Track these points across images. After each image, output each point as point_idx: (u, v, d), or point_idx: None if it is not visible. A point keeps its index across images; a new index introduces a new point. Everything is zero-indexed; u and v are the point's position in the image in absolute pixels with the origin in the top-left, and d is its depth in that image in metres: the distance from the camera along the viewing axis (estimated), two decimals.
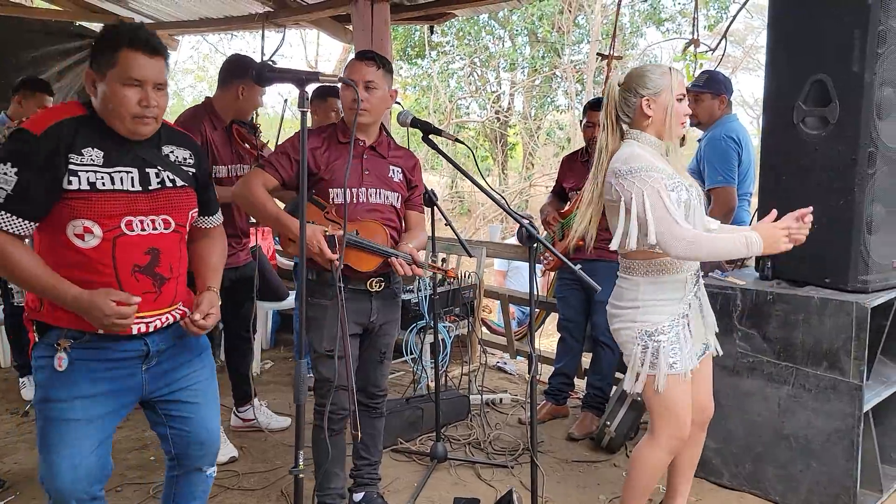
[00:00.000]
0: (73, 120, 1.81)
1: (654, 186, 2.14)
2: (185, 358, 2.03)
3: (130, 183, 1.84)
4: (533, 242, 2.30)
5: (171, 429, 2.05)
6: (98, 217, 1.79)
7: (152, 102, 1.81)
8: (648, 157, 2.23)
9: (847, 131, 2.66)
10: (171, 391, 2.01)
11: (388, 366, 2.74)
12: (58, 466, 1.81)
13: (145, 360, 1.93)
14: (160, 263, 1.89)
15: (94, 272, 1.80)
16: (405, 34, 13.66)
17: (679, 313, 2.28)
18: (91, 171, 1.79)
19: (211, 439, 2.10)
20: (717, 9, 12.61)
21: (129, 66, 1.77)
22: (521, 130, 14.82)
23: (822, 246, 2.76)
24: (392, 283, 2.62)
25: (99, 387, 1.86)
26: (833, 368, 2.68)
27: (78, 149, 1.78)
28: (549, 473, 3.19)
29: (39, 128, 1.76)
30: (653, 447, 2.37)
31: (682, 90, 2.26)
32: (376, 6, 4.55)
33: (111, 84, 1.78)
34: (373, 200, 2.53)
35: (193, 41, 14.03)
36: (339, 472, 2.65)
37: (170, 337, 1.98)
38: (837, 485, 2.69)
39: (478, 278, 4.33)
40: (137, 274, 1.85)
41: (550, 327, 5.13)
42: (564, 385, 3.86)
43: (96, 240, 1.79)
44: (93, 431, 1.85)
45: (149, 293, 1.87)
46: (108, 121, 1.83)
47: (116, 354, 1.88)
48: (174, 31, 6.64)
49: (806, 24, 2.77)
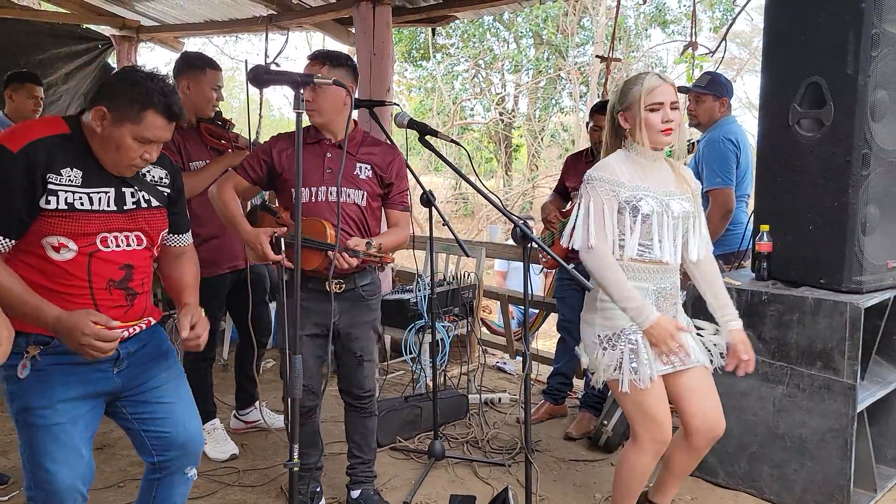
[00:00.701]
0: (52, 138, 1.81)
1: (601, 197, 2.25)
2: (152, 358, 2.05)
3: (107, 203, 1.86)
4: (527, 242, 2.33)
5: (148, 433, 2.04)
6: (74, 235, 1.81)
7: (153, 158, 1.87)
8: (616, 169, 2.28)
9: (841, 133, 2.68)
10: (142, 391, 2.01)
11: (370, 367, 2.73)
12: (54, 472, 1.82)
13: (116, 363, 1.94)
14: (133, 279, 1.93)
15: (67, 284, 1.82)
16: (410, 37, 13.71)
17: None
18: (70, 192, 1.80)
19: (192, 440, 2.09)
20: (723, 10, 12.63)
21: (150, 127, 1.81)
22: (526, 132, 14.85)
23: (816, 247, 2.79)
24: (358, 286, 2.60)
25: (74, 390, 1.87)
26: (827, 368, 2.70)
27: (56, 168, 1.78)
28: (546, 472, 3.21)
29: (17, 144, 1.75)
30: (636, 452, 2.37)
31: (655, 98, 2.22)
32: (378, 9, 4.59)
33: (124, 135, 1.80)
34: (333, 199, 2.51)
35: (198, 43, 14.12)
36: (310, 451, 2.64)
37: (137, 340, 2.00)
38: (832, 484, 2.71)
39: (477, 279, 4.36)
40: (112, 288, 1.88)
41: (551, 328, 5.15)
42: (563, 385, 3.89)
43: (71, 253, 1.82)
44: (79, 431, 1.87)
45: (121, 307, 1.91)
46: (97, 154, 1.84)
47: (85, 359, 1.86)
48: (179, 33, 6.70)
49: (801, 26, 2.79)
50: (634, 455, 2.38)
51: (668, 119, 2.23)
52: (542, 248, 2.34)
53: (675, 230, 2.29)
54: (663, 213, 2.25)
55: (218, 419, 3.48)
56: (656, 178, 2.32)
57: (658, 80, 2.26)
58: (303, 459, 1.96)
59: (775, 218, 2.93)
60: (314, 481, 2.79)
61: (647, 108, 2.24)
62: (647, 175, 2.31)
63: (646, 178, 2.30)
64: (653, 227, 2.25)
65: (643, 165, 2.31)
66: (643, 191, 2.26)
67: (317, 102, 2.48)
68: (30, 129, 1.83)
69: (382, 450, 3.37)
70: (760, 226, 2.96)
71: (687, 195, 2.34)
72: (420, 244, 4.74)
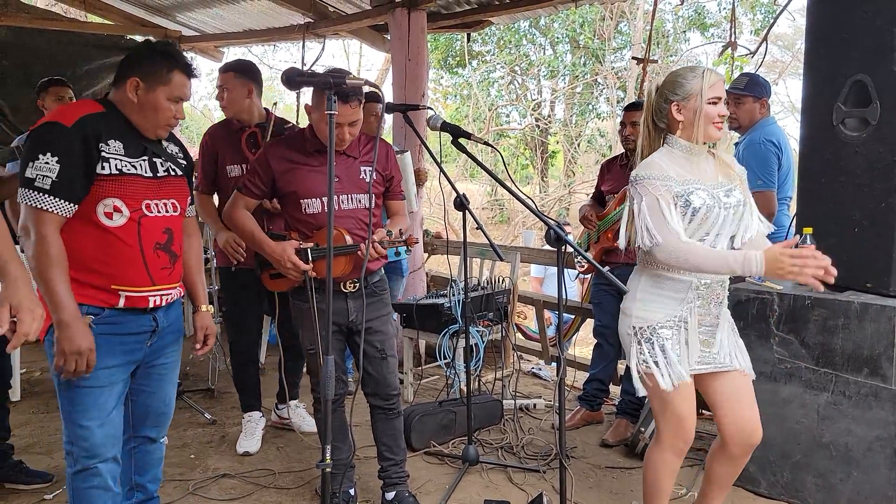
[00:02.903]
0: (94, 115, 2.03)
1: (654, 195, 2.19)
2: (173, 339, 2.27)
3: (145, 170, 2.09)
4: (561, 244, 2.30)
5: (133, 402, 2.23)
6: (125, 197, 2.02)
7: (183, 116, 2.13)
8: (663, 165, 2.24)
9: (888, 132, 2.60)
10: (152, 364, 2.22)
11: (394, 363, 2.75)
12: (89, 428, 2.02)
13: (152, 335, 2.15)
14: (174, 242, 2.16)
15: (122, 248, 2.03)
16: (446, 44, 13.76)
17: (676, 315, 2.24)
18: (118, 159, 2.02)
19: (166, 413, 2.32)
20: (764, 13, 12.40)
21: (179, 86, 2.06)
22: (562, 138, 14.76)
23: (862, 249, 2.71)
24: (371, 284, 2.66)
25: (115, 359, 2.06)
26: (874, 375, 2.61)
27: (105, 139, 2.01)
28: (582, 479, 3.17)
29: (69, 120, 1.97)
30: (658, 449, 2.35)
31: (716, 93, 2.22)
32: (413, 15, 4.61)
33: (159, 97, 2.05)
34: (345, 207, 2.56)
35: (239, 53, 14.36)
36: (340, 445, 2.70)
37: (169, 317, 2.22)
38: (879, 494, 2.61)
39: (511, 283, 4.33)
40: (158, 251, 2.10)
41: (587, 334, 5.10)
42: (599, 391, 3.83)
43: (123, 219, 2.02)
44: (114, 396, 2.07)
45: (165, 269, 2.13)
46: (136, 121, 2.08)
47: (131, 329, 2.09)
48: (219, 42, 6.83)
49: (844, 24, 2.72)
50: (656, 453, 2.36)
51: (722, 114, 2.23)
52: (577, 250, 2.32)
53: (724, 223, 2.24)
54: (715, 205, 2.21)
55: (259, 413, 3.54)
56: (703, 171, 2.27)
57: (716, 76, 2.25)
58: (333, 455, 1.97)
59: (819, 220, 2.84)
60: (347, 481, 2.80)
61: (709, 101, 2.22)
62: (694, 169, 2.27)
63: (693, 171, 2.26)
64: (707, 221, 2.21)
65: (688, 160, 2.27)
66: (694, 184, 2.22)
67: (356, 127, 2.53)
68: (76, 107, 2.08)
69: (416, 454, 3.36)
70: (803, 228, 2.84)
71: (735, 184, 2.29)
72: (454, 249, 4.74)
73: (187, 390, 4.24)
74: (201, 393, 4.28)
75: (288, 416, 3.69)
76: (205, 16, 6.22)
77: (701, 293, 2.25)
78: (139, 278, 2.06)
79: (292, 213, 2.62)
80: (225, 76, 3.30)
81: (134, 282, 2.05)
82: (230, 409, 4.01)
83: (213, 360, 4.39)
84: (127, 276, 2.04)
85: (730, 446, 2.32)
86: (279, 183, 2.58)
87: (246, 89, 3.28)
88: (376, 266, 2.69)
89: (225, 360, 4.35)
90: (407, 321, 4.06)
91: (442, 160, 2.77)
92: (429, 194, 10.10)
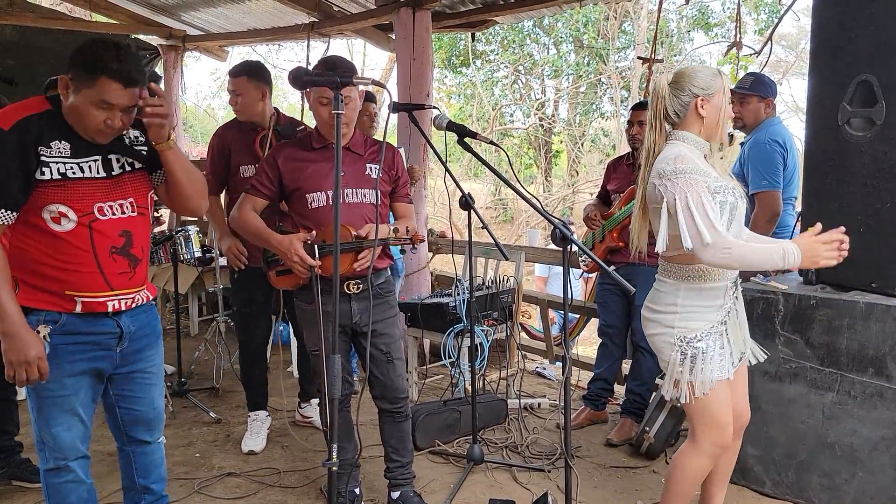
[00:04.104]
0: (38, 115, 1.92)
1: (698, 190, 2.08)
2: (148, 342, 2.21)
3: (97, 170, 1.99)
4: (566, 244, 2.30)
5: (121, 408, 2.22)
6: (71, 202, 1.93)
7: (117, 124, 1.93)
8: (694, 158, 2.19)
9: (893, 132, 2.60)
10: (131, 371, 2.18)
11: (400, 366, 2.74)
12: (57, 435, 2.04)
13: (119, 341, 2.10)
14: (133, 245, 2.07)
15: (73, 255, 1.96)
16: (450, 44, 13.76)
17: (717, 320, 2.23)
18: (61, 162, 1.92)
19: (157, 417, 2.30)
20: (768, 13, 12.38)
21: (104, 92, 1.87)
22: (566, 138, 14.76)
23: (867, 249, 2.70)
24: (375, 285, 2.63)
25: (80, 366, 2.04)
26: (879, 375, 2.61)
27: (46, 142, 1.90)
28: (587, 478, 3.17)
29: (7, 123, 1.87)
30: (695, 454, 2.31)
31: (729, 93, 2.26)
32: (418, 14, 4.62)
33: (83, 101, 1.88)
34: (350, 201, 2.57)
35: (244, 52, 14.39)
36: (346, 444, 2.74)
37: (137, 321, 2.15)
38: (885, 495, 2.61)
39: (516, 283, 4.33)
40: (115, 255, 2.02)
41: (592, 333, 5.10)
42: (603, 390, 3.84)
43: (72, 224, 1.94)
44: (80, 401, 2.07)
45: (125, 273, 2.05)
46: (70, 123, 1.94)
47: (92, 337, 2.04)
48: (224, 42, 6.84)
49: (850, 24, 2.72)
50: (693, 457, 2.32)
51: (733, 114, 2.26)
52: (583, 249, 2.31)
53: (741, 220, 2.25)
54: (736, 202, 2.20)
55: (265, 412, 3.56)
56: (720, 170, 2.27)
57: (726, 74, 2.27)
58: (339, 455, 1.98)
59: (824, 220, 2.78)
60: (353, 480, 2.80)
61: (730, 101, 2.25)
62: (716, 167, 2.26)
63: (716, 169, 2.25)
64: (733, 219, 2.20)
65: (698, 157, 2.24)
66: (720, 182, 2.19)
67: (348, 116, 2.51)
68: (18, 108, 1.95)
69: (421, 453, 3.36)
70: (808, 228, 2.87)
71: (735, 184, 2.27)
72: (459, 248, 4.74)
73: (192, 389, 4.25)
74: (206, 392, 4.29)
75: (311, 415, 3.72)
76: (210, 15, 6.23)
77: (730, 294, 2.27)
78: (95, 284, 1.99)
79: (298, 210, 2.63)
80: (238, 80, 3.29)
81: (89, 288, 1.99)
82: (235, 407, 4.02)
83: (218, 359, 4.40)
84: (81, 283, 1.98)
85: None
86: (286, 181, 2.59)
87: (260, 92, 3.30)
88: (383, 265, 2.69)
89: (230, 359, 4.37)
90: (412, 320, 4.07)
91: (446, 159, 2.77)
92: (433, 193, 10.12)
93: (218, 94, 17.67)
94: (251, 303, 3.43)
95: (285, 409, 3.81)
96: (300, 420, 3.78)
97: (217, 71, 16.47)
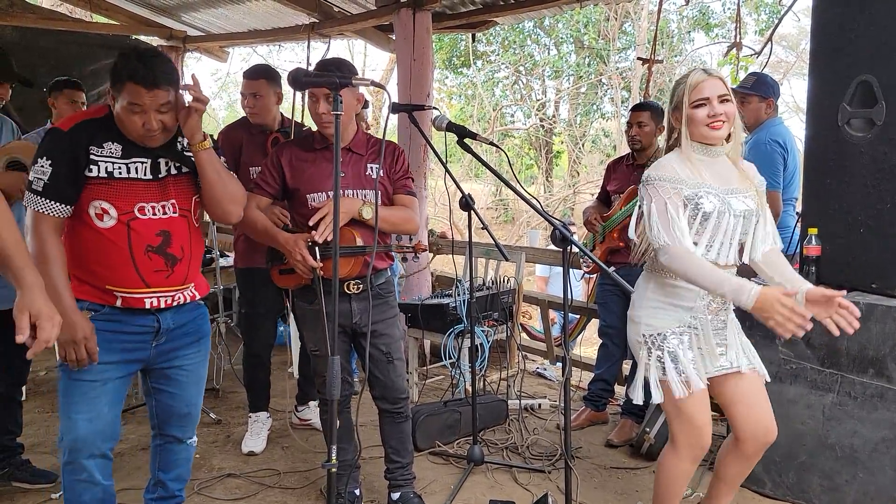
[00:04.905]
0: (96, 120, 2.09)
1: (664, 196, 2.18)
2: (189, 341, 2.26)
3: (143, 172, 2.10)
4: (566, 244, 2.30)
5: (157, 401, 2.29)
6: (114, 200, 2.04)
7: (154, 126, 2.02)
8: (675, 167, 2.22)
9: (893, 133, 2.60)
10: (167, 367, 2.23)
11: (401, 366, 2.74)
12: (76, 421, 2.05)
13: (156, 336, 2.16)
14: (172, 244, 2.12)
15: (112, 250, 2.05)
16: (451, 44, 13.76)
17: (686, 322, 2.23)
18: (109, 162, 2.05)
19: (192, 414, 2.34)
20: (769, 13, 12.38)
21: (130, 96, 1.99)
22: (566, 138, 14.76)
23: (867, 250, 2.70)
24: (375, 286, 2.63)
25: (113, 355, 2.09)
26: (880, 376, 2.61)
27: (99, 142, 2.05)
28: (587, 479, 3.17)
29: (67, 126, 2.06)
30: (674, 456, 2.33)
31: (700, 94, 2.18)
32: (418, 15, 4.62)
33: (120, 108, 2.02)
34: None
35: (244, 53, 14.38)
36: (346, 445, 2.75)
37: (180, 318, 2.20)
38: (885, 495, 2.61)
39: (516, 283, 4.33)
40: (150, 253, 2.08)
41: (593, 334, 5.09)
42: (604, 391, 3.83)
43: (112, 221, 2.04)
44: (107, 392, 2.10)
45: (161, 271, 2.11)
46: (122, 130, 2.07)
47: (130, 328, 2.11)
48: (224, 42, 6.84)
49: (850, 24, 2.72)
50: (672, 460, 2.35)
51: (714, 113, 2.17)
52: (582, 250, 2.31)
53: (734, 230, 2.21)
54: (725, 211, 2.19)
55: (265, 413, 3.56)
56: (717, 175, 2.24)
57: (702, 76, 2.21)
58: (339, 456, 1.98)
59: (824, 221, 2.84)
60: (353, 481, 2.80)
61: (692, 104, 2.20)
62: (706, 173, 2.24)
63: (705, 175, 2.23)
64: (717, 226, 2.19)
65: (702, 163, 2.24)
66: (704, 188, 2.20)
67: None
68: (80, 114, 2.18)
69: (421, 454, 3.36)
70: (809, 229, 2.87)
71: (750, 192, 2.26)
72: (460, 249, 4.74)
73: None
74: (206, 392, 4.25)
75: (309, 417, 3.72)
76: (210, 16, 6.23)
77: (711, 301, 2.24)
78: (130, 280, 2.07)
79: (300, 211, 2.62)
80: (257, 83, 3.30)
81: (125, 283, 2.07)
82: (235, 408, 4.03)
83: (219, 360, 4.40)
84: (117, 278, 2.06)
85: (744, 444, 2.31)
86: (288, 180, 2.60)
87: (276, 96, 3.34)
88: (383, 265, 2.69)
89: (230, 360, 4.37)
90: (412, 321, 4.07)
91: (447, 160, 2.77)
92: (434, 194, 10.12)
93: (219, 95, 17.68)
94: (258, 305, 3.44)
95: (286, 409, 3.81)
96: (298, 423, 3.77)
97: (218, 72, 16.45)
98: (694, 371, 2.21)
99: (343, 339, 2.67)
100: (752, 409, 2.29)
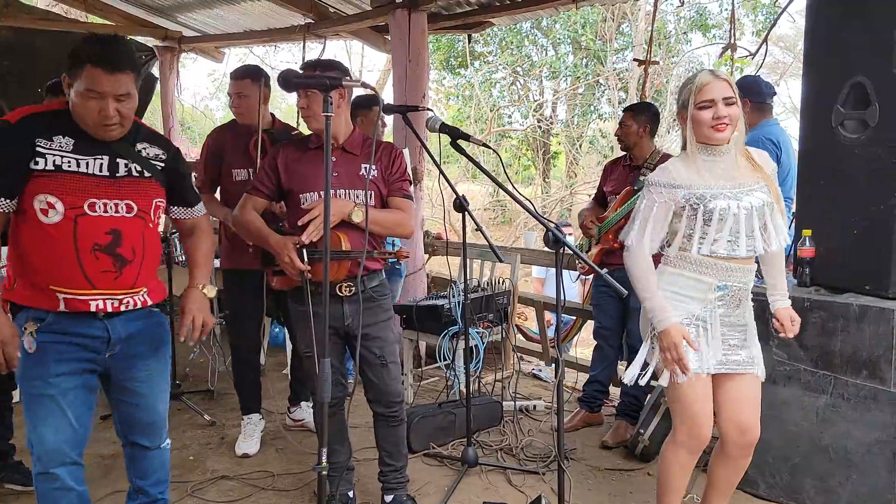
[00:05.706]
0: (49, 112, 2.03)
1: (650, 202, 2.27)
2: (145, 350, 2.19)
3: (98, 168, 2.02)
4: (559, 247, 2.30)
5: (119, 413, 2.24)
6: (61, 194, 1.96)
7: (111, 113, 1.95)
8: (672, 171, 2.26)
9: (887, 134, 2.60)
10: (126, 378, 2.17)
11: (395, 370, 2.71)
12: (42, 434, 2.03)
13: (108, 346, 2.09)
14: (121, 245, 2.04)
15: (55, 247, 1.97)
16: (448, 45, 13.75)
17: (694, 314, 2.25)
18: (58, 156, 1.97)
19: (156, 423, 2.28)
20: (765, 14, 12.39)
21: (89, 80, 1.91)
22: (564, 139, 14.75)
23: (861, 251, 2.70)
24: (368, 288, 2.60)
25: (67, 366, 2.04)
26: (873, 377, 2.60)
27: (48, 135, 1.97)
28: (582, 481, 3.17)
29: (14, 118, 1.99)
30: (673, 445, 2.37)
31: (705, 96, 2.18)
32: (413, 16, 4.61)
33: (76, 94, 1.94)
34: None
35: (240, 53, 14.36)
36: (339, 447, 2.74)
37: (132, 327, 2.13)
38: (879, 497, 2.61)
39: (511, 285, 4.33)
40: (97, 252, 2.00)
41: (588, 336, 5.09)
42: (599, 393, 3.83)
43: (58, 216, 1.96)
44: (70, 403, 2.05)
45: (108, 272, 2.03)
46: (77, 122, 2.00)
47: (80, 339, 2.04)
48: (220, 43, 6.84)
49: (843, 25, 2.72)
50: (670, 450, 2.38)
51: (719, 116, 2.17)
52: (575, 252, 2.31)
53: (748, 224, 2.22)
54: (735, 209, 2.19)
55: (258, 415, 3.56)
56: (724, 174, 2.24)
57: (709, 77, 2.21)
58: (331, 458, 1.97)
59: (818, 222, 2.84)
60: (346, 483, 2.80)
61: (697, 106, 2.20)
62: (714, 173, 2.24)
63: (712, 176, 2.23)
64: (725, 225, 2.20)
65: (708, 163, 2.25)
66: (710, 189, 2.21)
67: (312, 109, 2.49)
68: (32, 107, 2.06)
69: (416, 456, 3.36)
70: (802, 230, 2.88)
71: (761, 183, 2.25)
72: (454, 250, 4.73)
73: (187, 392, 4.24)
74: (201, 394, 4.28)
75: (302, 418, 3.71)
76: (205, 16, 6.23)
77: (724, 295, 2.26)
78: (74, 279, 1.99)
79: (293, 211, 2.61)
80: (242, 83, 3.29)
81: (69, 283, 1.99)
82: (229, 410, 4.02)
83: (213, 362, 4.40)
84: (61, 277, 1.98)
85: (726, 446, 2.34)
86: (283, 181, 2.59)
87: (262, 96, 3.31)
88: (376, 266, 2.68)
89: (224, 362, 4.36)
90: (407, 322, 4.06)
91: (443, 161, 2.76)
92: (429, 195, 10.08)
93: (216, 96, 17.67)
94: (242, 306, 3.43)
95: (279, 412, 3.80)
96: (291, 424, 3.77)
97: (214, 72, 16.43)
98: (695, 357, 2.23)
99: (336, 341, 2.66)
100: (740, 409, 2.32)
